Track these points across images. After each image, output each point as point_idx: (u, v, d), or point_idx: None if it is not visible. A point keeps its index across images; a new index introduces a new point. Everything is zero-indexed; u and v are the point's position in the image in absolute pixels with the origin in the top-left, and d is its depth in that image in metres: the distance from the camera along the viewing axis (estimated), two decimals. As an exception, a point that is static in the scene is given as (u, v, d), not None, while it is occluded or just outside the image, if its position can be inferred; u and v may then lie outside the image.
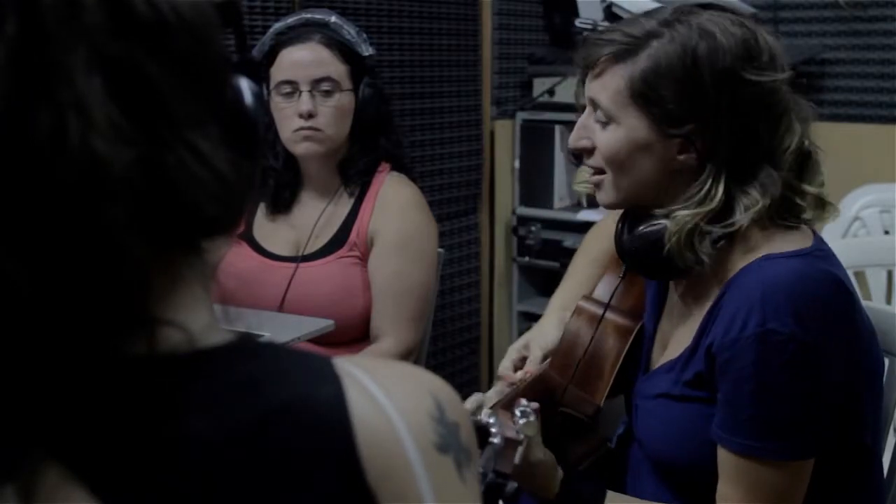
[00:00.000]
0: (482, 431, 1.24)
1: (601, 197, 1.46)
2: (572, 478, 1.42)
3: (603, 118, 1.40)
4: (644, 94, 1.35)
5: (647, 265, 1.44)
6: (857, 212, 2.80)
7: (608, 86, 1.38)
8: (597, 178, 1.44)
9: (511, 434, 1.32)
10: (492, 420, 1.33)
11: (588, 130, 1.43)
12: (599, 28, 3.19)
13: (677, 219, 1.35)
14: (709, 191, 1.34)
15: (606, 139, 1.40)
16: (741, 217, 1.33)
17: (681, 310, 1.48)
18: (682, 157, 1.37)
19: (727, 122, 1.34)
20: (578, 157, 1.47)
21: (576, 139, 1.45)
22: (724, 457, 1.34)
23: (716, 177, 1.34)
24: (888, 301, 2.70)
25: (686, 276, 1.43)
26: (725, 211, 1.35)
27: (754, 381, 1.28)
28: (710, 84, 1.33)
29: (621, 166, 1.40)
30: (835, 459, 1.36)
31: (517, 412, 1.35)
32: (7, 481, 0.55)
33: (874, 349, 1.42)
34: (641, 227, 1.41)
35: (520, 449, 1.32)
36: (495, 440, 1.27)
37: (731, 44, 1.33)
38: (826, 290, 1.31)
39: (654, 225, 1.39)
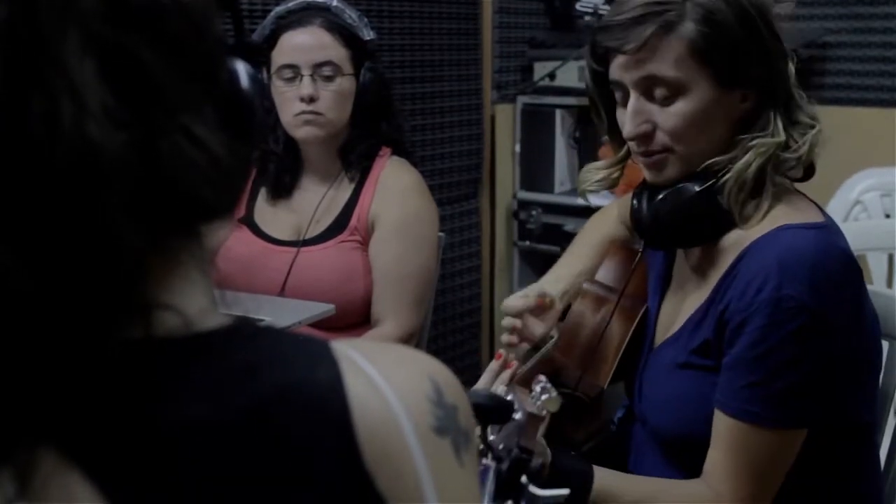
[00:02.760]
0: (504, 409, 1.24)
1: (664, 175, 1.42)
2: (561, 458, 1.42)
3: (666, 94, 1.36)
4: (707, 52, 1.34)
5: (671, 230, 1.44)
6: (858, 195, 2.80)
7: (667, 58, 1.35)
8: (657, 157, 1.41)
9: (533, 409, 1.32)
10: (510, 396, 1.33)
11: (647, 115, 1.39)
12: (601, 11, 3.19)
13: (756, 147, 1.36)
14: (774, 127, 1.37)
15: (677, 114, 1.37)
16: (802, 145, 1.37)
17: (694, 281, 1.48)
18: (743, 105, 1.39)
19: (779, 55, 1.37)
20: (644, 141, 1.41)
21: (635, 126, 1.39)
22: (718, 421, 1.35)
23: (774, 113, 1.37)
24: (889, 285, 2.70)
25: (705, 242, 1.44)
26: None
27: (761, 344, 1.30)
28: (760, 21, 1.35)
29: (692, 135, 1.38)
30: (833, 435, 1.38)
31: (537, 388, 1.35)
32: (1, 466, 0.55)
33: (875, 331, 1.43)
34: (667, 193, 1.41)
35: (542, 425, 1.33)
36: (518, 415, 1.27)
37: None
38: (840, 266, 1.33)
39: (682, 188, 1.39)
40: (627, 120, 1.40)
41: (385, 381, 0.64)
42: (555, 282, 1.67)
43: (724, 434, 1.35)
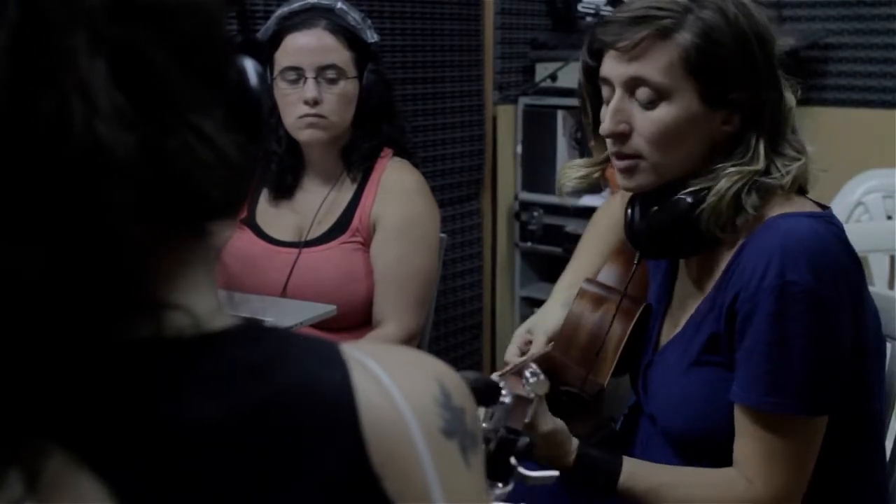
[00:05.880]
0: (492, 390, 1.25)
1: (634, 181, 1.42)
2: (588, 446, 1.43)
3: (650, 97, 1.37)
4: (699, 66, 1.34)
5: (667, 242, 1.44)
6: (860, 197, 2.80)
7: (657, 62, 1.36)
8: (628, 162, 1.41)
9: (521, 392, 1.33)
10: (501, 383, 1.34)
11: (626, 114, 1.40)
12: (602, 12, 3.19)
13: (730, 175, 1.35)
14: (753, 153, 1.36)
15: (655, 119, 1.37)
16: (784, 174, 1.36)
17: (697, 279, 1.49)
18: (725, 127, 1.38)
19: (769, 85, 1.37)
20: (619, 140, 1.41)
21: (614, 124, 1.40)
22: (740, 414, 1.36)
23: (757, 140, 1.37)
24: (890, 286, 2.70)
25: (702, 251, 1.44)
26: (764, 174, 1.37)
27: (771, 333, 1.30)
28: (757, 48, 1.35)
29: (667, 145, 1.38)
30: (844, 425, 1.38)
31: (527, 373, 1.36)
32: (9, 466, 0.55)
33: (876, 322, 1.44)
34: (662, 205, 1.41)
35: (530, 407, 1.33)
36: (506, 399, 1.27)
37: (758, 8, 1.37)
38: (841, 252, 1.35)
39: (677, 200, 1.39)
40: (607, 116, 1.41)
41: (393, 383, 0.64)
42: (564, 303, 1.66)
43: (749, 426, 1.35)
